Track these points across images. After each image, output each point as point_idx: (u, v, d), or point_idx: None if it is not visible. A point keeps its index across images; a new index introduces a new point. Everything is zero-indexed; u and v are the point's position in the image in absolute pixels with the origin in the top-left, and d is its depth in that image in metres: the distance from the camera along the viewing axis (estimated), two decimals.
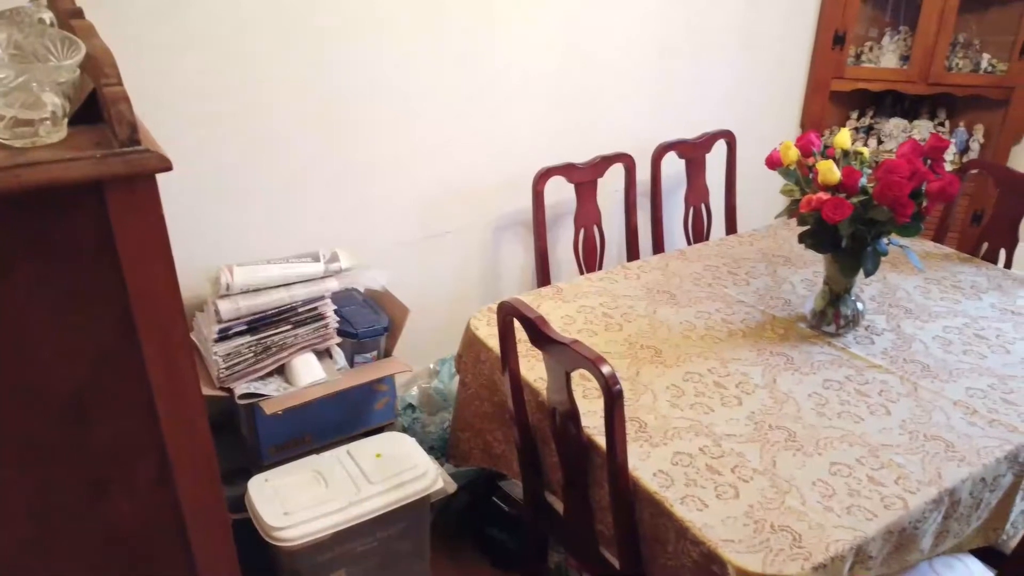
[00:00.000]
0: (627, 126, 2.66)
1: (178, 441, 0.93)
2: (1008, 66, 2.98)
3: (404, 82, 2.14)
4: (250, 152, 1.96)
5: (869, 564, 1.33)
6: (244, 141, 1.95)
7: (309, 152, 2.05)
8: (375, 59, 2.07)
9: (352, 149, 2.12)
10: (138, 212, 0.82)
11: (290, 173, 2.05)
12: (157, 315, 0.87)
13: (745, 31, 2.84)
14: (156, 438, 0.92)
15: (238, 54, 1.86)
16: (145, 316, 0.86)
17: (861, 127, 3.23)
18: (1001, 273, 2.22)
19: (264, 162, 1.99)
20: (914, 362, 1.77)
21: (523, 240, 2.57)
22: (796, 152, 1.80)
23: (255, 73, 1.90)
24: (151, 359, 0.88)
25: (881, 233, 1.71)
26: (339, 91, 2.04)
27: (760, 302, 2.03)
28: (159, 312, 0.87)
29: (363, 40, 2.03)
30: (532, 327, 1.45)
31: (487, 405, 1.90)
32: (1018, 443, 1.51)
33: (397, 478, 1.80)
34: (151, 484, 0.96)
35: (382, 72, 2.09)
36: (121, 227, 0.82)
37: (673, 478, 1.41)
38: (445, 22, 2.15)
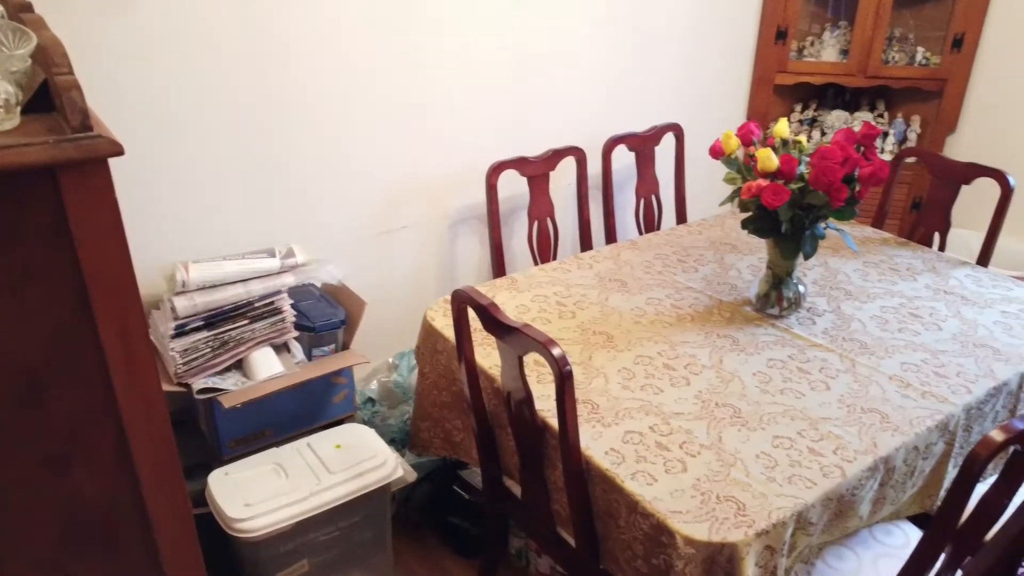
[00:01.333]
0: (578, 120, 2.72)
1: (136, 417, 0.95)
2: (941, 59, 3.11)
3: (360, 78, 2.16)
4: (204, 148, 1.97)
5: (810, 530, 1.39)
6: (197, 137, 1.95)
7: (264, 148, 2.07)
8: (330, 55, 2.09)
9: (308, 145, 2.14)
10: (91, 195, 0.85)
11: (245, 169, 2.06)
12: (112, 294, 0.89)
13: (691, 26, 2.92)
14: (114, 414, 0.94)
15: (187, 50, 1.87)
16: (100, 295, 0.89)
17: (805, 119, 3.34)
18: (935, 256, 2.33)
19: (218, 158, 2.00)
20: (852, 340, 1.85)
21: (478, 233, 2.61)
22: (737, 141, 1.87)
23: (206, 68, 1.91)
24: (107, 336, 0.90)
25: (818, 217, 1.79)
26: (295, 87, 2.06)
27: (708, 288, 2.10)
28: (114, 291, 0.89)
29: (317, 36, 2.05)
30: (485, 314, 1.49)
31: (445, 394, 1.94)
32: (948, 413, 1.59)
33: (357, 468, 1.82)
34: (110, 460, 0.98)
35: (338, 68, 2.12)
36: (75, 209, 0.84)
37: (624, 455, 1.46)
38: (398, 18, 2.18)
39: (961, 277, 2.18)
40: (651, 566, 1.37)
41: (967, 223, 3.08)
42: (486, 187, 2.36)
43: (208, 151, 1.98)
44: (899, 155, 2.54)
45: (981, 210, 2.72)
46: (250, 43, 1.95)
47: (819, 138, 3.29)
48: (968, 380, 1.69)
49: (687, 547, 1.28)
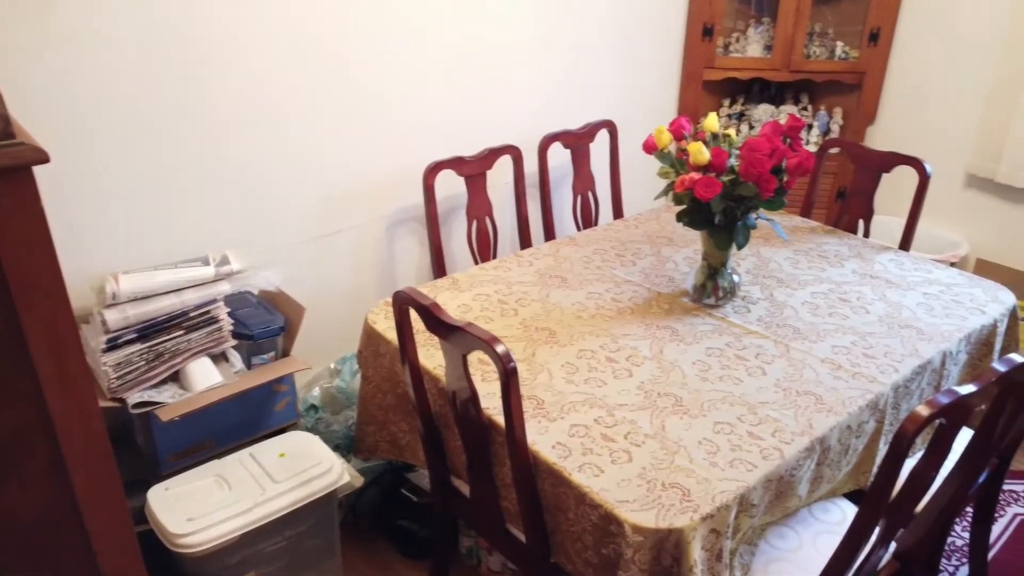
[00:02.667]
0: (514, 119, 2.74)
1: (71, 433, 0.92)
2: (859, 53, 3.23)
3: (293, 81, 2.13)
4: (132, 155, 1.92)
5: (752, 512, 1.43)
6: (124, 143, 1.90)
7: (195, 154, 2.02)
8: (262, 58, 2.05)
9: (241, 150, 2.10)
10: (16, 204, 0.81)
11: (174, 176, 2.01)
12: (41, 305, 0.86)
13: (621, 25, 2.96)
14: (47, 430, 0.91)
15: (114, 54, 1.82)
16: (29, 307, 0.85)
17: (733, 114, 3.42)
18: (860, 242, 2.41)
19: (148, 165, 1.95)
20: (786, 326, 1.91)
21: (417, 234, 2.60)
22: (669, 136, 1.91)
23: (133, 73, 1.86)
24: (37, 350, 0.87)
25: (749, 208, 1.84)
26: (226, 90, 2.02)
27: (646, 280, 2.14)
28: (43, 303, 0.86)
29: (249, 37, 2.01)
30: (427, 314, 1.49)
31: (390, 397, 1.93)
32: (877, 392, 1.66)
33: (302, 476, 1.80)
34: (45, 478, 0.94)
35: (269, 71, 2.08)
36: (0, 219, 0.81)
37: (571, 449, 1.47)
38: (330, 21, 2.15)
39: (885, 262, 2.27)
40: (601, 556, 1.39)
41: (889, 210, 3.21)
42: (423, 188, 2.36)
43: (136, 157, 1.93)
44: (823, 146, 2.63)
45: (901, 197, 2.84)
46: (179, 46, 1.91)
47: (747, 131, 3.38)
48: (895, 360, 1.77)
49: (635, 535, 1.30)
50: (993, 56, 2.99)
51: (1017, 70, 2.88)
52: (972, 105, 3.09)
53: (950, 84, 3.15)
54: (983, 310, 1.99)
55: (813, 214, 2.69)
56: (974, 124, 3.09)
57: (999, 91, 2.97)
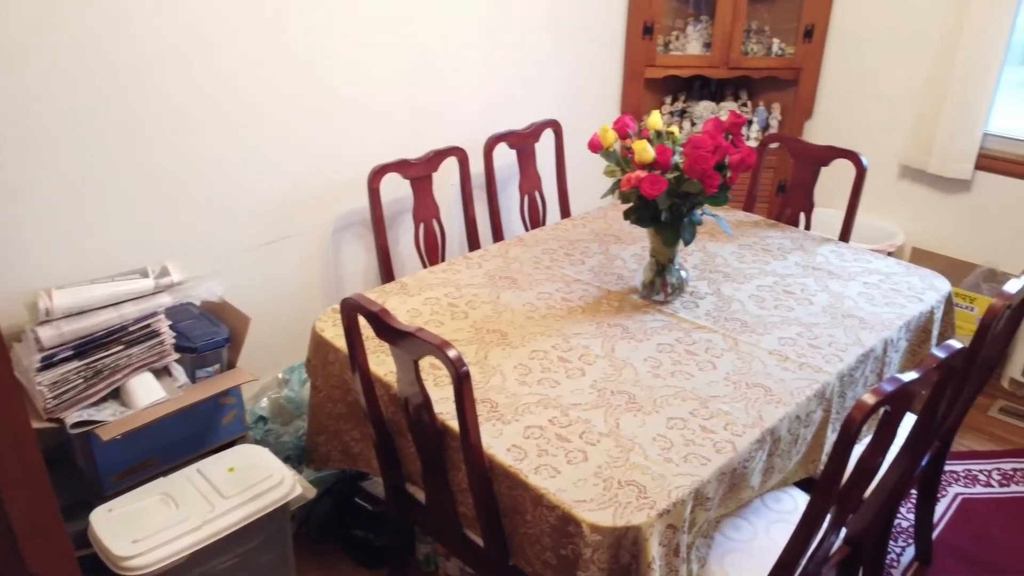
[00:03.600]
0: (459, 120, 2.72)
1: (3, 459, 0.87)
2: (795, 49, 3.30)
3: (233, 85, 2.08)
4: (63, 163, 1.84)
5: (708, 505, 1.45)
6: (55, 152, 1.82)
7: (130, 161, 1.95)
8: (202, 61, 1.99)
9: (178, 156, 2.04)
10: None
11: (111, 184, 1.94)
12: None
13: (563, 25, 2.97)
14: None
15: (45, 59, 1.74)
16: None
17: (675, 111, 3.46)
18: (802, 235, 2.46)
19: (80, 173, 1.87)
20: (734, 320, 1.93)
21: (364, 239, 2.57)
22: (614, 135, 1.92)
23: (66, 78, 1.79)
24: None
25: (695, 204, 1.86)
26: (162, 95, 1.96)
27: (595, 279, 2.15)
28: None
29: (187, 41, 1.95)
30: (376, 320, 1.47)
31: (341, 406, 1.90)
32: (824, 382, 1.69)
33: (252, 490, 1.75)
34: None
35: (209, 75, 2.02)
36: None
37: (526, 451, 1.47)
38: (271, 24, 2.10)
39: (826, 253, 2.32)
40: (560, 557, 1.38)
41: (828, 202, 3.29)
42: (368, 191, 2.32)
43: (68, 166, 1.85)
44: (763, 141, 2.68)
45: (839, 189, 2.91)
46: (112, 49, 1.84)
47: (690, 128, 3.42)
48: (839, 349, 1.80)
49: (593, 534, 1.30)
50: (923, 51, 3.09)
51: (945, 64, 2.98)
52: (904, 99, 3.19)
53: (882, 79, 3.24)
54: (920, 298, 2.05)
55: (756, 208, 2.74)
56: (906, 117, 3.19)
57: (929, 85, 3.07)
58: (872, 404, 1.23)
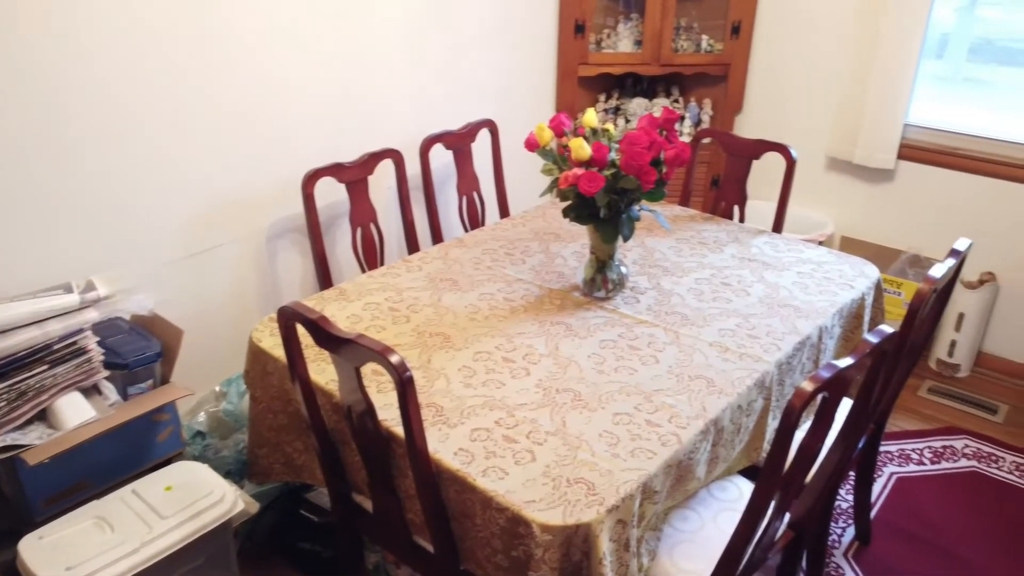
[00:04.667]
0: (394, 122, 2.69)
1: None
2: (723, 46, 3.36)
3: (157, 88, 2.01)
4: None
5: (655, 498, 1.46)
6: None
7: (51, 172, 1.87)
8: (123, 68, 1.92)
9: (99, 165, 1.96)
10: None
11: (28, 198, 1.85)
12: None
13: (496, 24, 2.97)
14: None
15: None
16: None
17: (609, 108, 3.49)
18: (737, 227, 2.51)
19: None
20: (674, 314, 1.95)
21: (300, 245, 2.51)
22: (550, 133, 1.92)
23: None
24: None
25: (632, 200, 1.88)
26: (84, 100, 1.87)
27: (537, 278, 2.15)
28: None
29: (103, 41, 1.88)
30: (315, 328, 1.44)
31: (282, 417, 1.85)
32: (764, 371, 1.72)
33: (192, 508, 1.70)
34: None
35: (132, 83, 1.95)
36: None
37: (473, 454, 1.45)
38: (201, 23, 2.04)
39: (761, 244, 2.37)
40: (511, 559, 1.37)
41: (761, 194, 3.36)
42: (302, 197, 2.28)
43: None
44: (696, 136, 2.72)
45: (771, 182, 2.98)
46: (23, 52, 1.75)
47: (624, 125, 3.45)
48: (777, 338, 1.84)
49: (544, 534, 1.30)
50: (844, 46, 3.18)
51: (866, 59, 3.07)
52: (829, 92, 3.28)
53: (808, 73, 3.33)
54: (852, 285, 2.11)
55: (691, 202, 2.78)
56: (832, 110, 3.28)
57: (851, 79, 3.16)
58: (810, 391, 1.26)
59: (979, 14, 3.04)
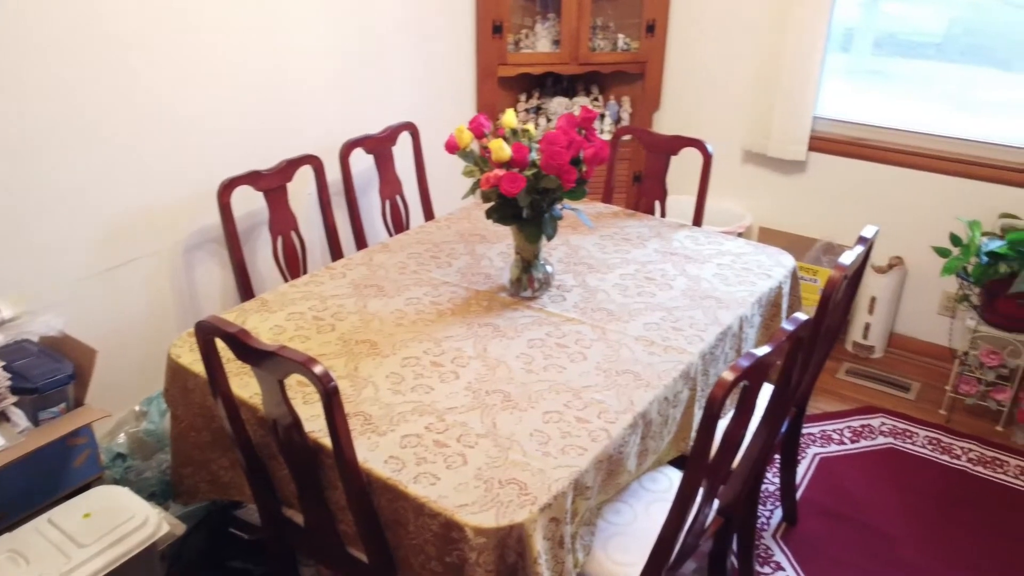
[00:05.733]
0: (312, 127, 2.64)
1: None
2: (639, 44, 3.42)
3: (61, 96, 1.92)
4: None
5: (588, 494, 1.47)
6: None
7: None
8: (23, 79, 1.83)
9: (2, 181, 1.86)
10: None
11: None
12: None
13: (413, 27, 2.95)
14: None
15: None
16: None
17: (530, 108, 3.51)
18: (659, 222, 2.56)
19: None
20: (600, 310, 1.98)
21: (218, 256, 2.44)
22: (470, 135, 1.91)
23: None
24: None
25: (554, 200, 1.89)
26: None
27: (463, 280, 2.14)
28: None
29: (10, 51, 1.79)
30: (235, 342, 1.40)
31: (205, 434, 1.80)
32: (688, 362, 1.76)
33: (113, 534, 1.63)
34: None
35: (32, 92, 1.86)
36: None
37: (404, 461, 1.44)
38: (109, 26, 1.96)
39: (682, 238, 2.42)
40: (446, 564, 1.37)
41: (680, 189, 3.44)
42: (219, 207, 2.21)
43: None
44: (616, 134, 2.76)
45: (690, 177, 3.05)
46: None
47: (545, 124, 3.48)
48: (700, 330, 1.88)
49: (478, 537, 1.29)
50: (754, 42, 3.28)
51: (775, 55, 3.17)
52: (742, 87, 3.38)
53: (721, 69, 3.42)
54: (769, 274, 2.18)
55: (614, 199, 2.82)
56: (745, 105, 3.38)
57: (762, 74, 3.26)
58: (732, 380, 1.29)
59: (883, 9, 3.17)
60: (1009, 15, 2.91)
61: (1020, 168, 2.87)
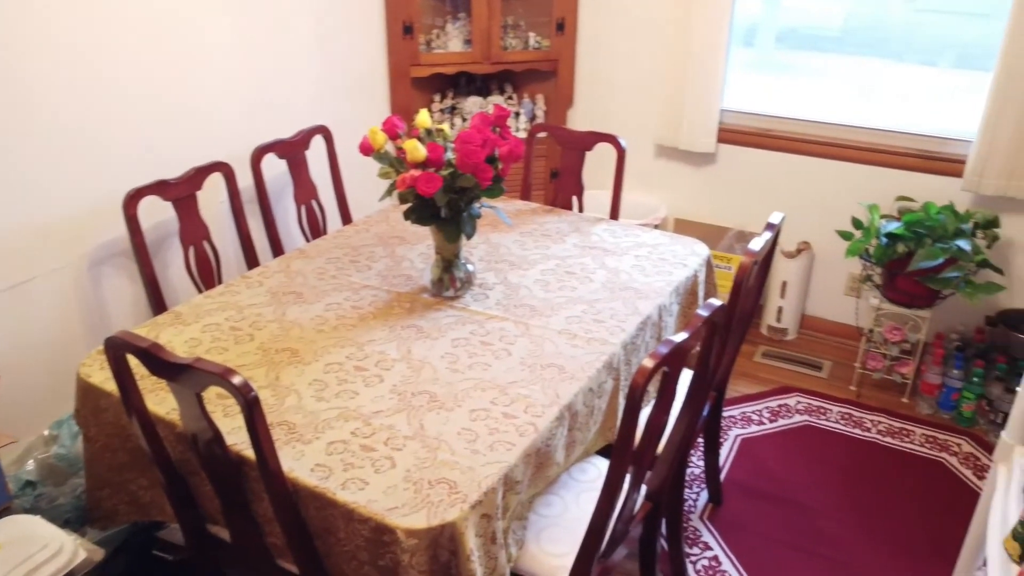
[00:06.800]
0: (222, 134, 2.57)
1: None
2: (550, 42, 3.46)
3: None
4: None
5: (518, 488, 1.48)
6: None
7: None
8: None
9: None
10: None
11: None
12: None
13: (322, 29, 2.90)
14: None
15: None
16: None
17: (445, 108, 3.51)
18: (577, 217, 2.59)
19: None
20: (523, 306, 1.99)
21: (128, 270, 2.35)
22: (384, 136, 1.90)
23: None
24: None
25: (472, 198, 1.89)
26: None
27: (384, 283, 2.12)
28: None
29: None
30: (148, 356, 1.35)
31: (122, 454, 1.73)
32: (611, 353, 1.79)
33: (25, 566, 1.55)
34: None
35: None
36: None
37: (331, 468, 1.42)
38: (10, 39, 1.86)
39: (600, 232, 2.46)
40: (379, 568, 1.36)
41: (597, 184, 3.49)
42: (125, 219, 2.13)
43: None
44: (531, 132, 2.79)
45: (605, 171, 3.10)
46: None
47: (460, 124, 3.48)
48: (620, 321, 1.92)
49: (409, 539, 1.29)
50: (661, 39, 3.36)
51: (681, 50, 3.26)
52: (651, 83, 3.45)
53: (631, 65, 3.48)
54: (685, 263, 2.24)
55: (532, 196, 2.85)
56: (656, 100, 3.46)
57: (670, 69, 3.34)
58: (652, 367, 1.32)
59: (783, 4, 3.30)
60: (899, 10, 3.07)
61: (913, 153, 3.03)
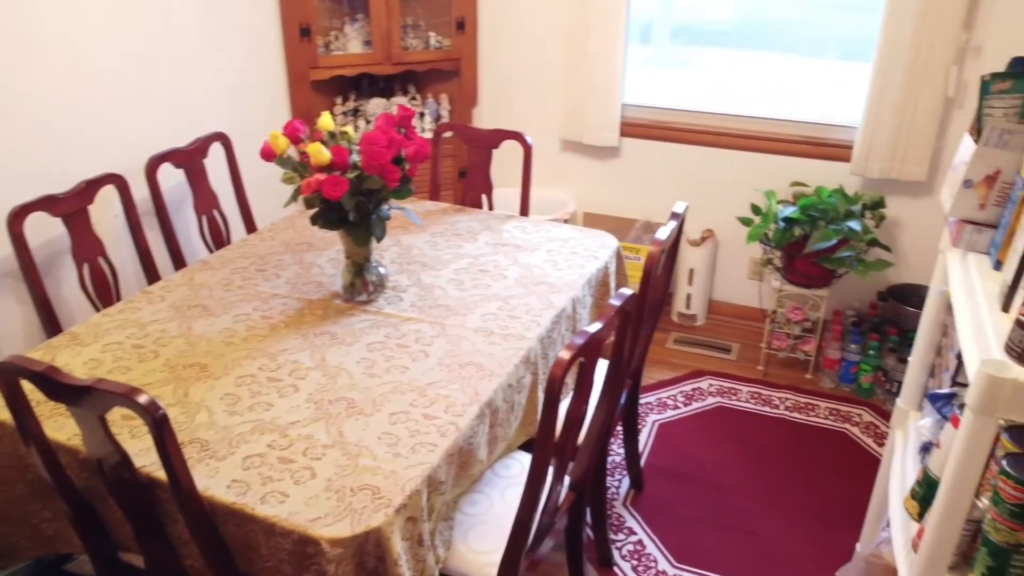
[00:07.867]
0: (114, 145, 2.45)
1: None
2: (451, 41, 3.45)
3: None
4: None
5: (442, 489, 1.48)
6: None
7: None
8: None
9: None
10: None
11: None
12: None
13: (215, 34, 2.80)
14: None
15: None
16: None
17: (348, 110, 3.45)
18: (487, 215, 2.60)
19: None
20: (438, 306, 1.99)
21: (16, 292, 2.22)
22: (285, 140, 1.86)
23: None
24: None
25: (380, 200, 1.87)
26: None
27: (294, 291, 2.08)
28: None
29: None
30: (44, 380, 1.28)
31: (20, 486, 1.63)
32: (527, 348, 1.81)
33: None
34: None
35: None
36: None
37: (248, 483, 1.38)
38: None
39: (511, 229, 2.47)
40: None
41: (506, 182, 3.51)
42: (10, 237, 2.01)
43: None
44: (437, 131, 2.78)
45: (513, 169, 3.12)
46: None
47: (364, 126, 3.43)
48: (535, 315, 1.94)
49: (334, 548, 1.27)
50: (560, 36, 3.40)
51: (580, 47, 3.31)
52: (554, 80, 3.50)
53: (533, 63, 3.52)
54: (596, 256, 2.28)
55: (441, 196, 2.84)
56: (559, 96, 3.50)
57: (571, 66, 3.39)
58: (568, 359, 1.34)
59: (677, 1, 3.39)
60: (786, 5, 3.21)
61: (805, 140, 3.17)
